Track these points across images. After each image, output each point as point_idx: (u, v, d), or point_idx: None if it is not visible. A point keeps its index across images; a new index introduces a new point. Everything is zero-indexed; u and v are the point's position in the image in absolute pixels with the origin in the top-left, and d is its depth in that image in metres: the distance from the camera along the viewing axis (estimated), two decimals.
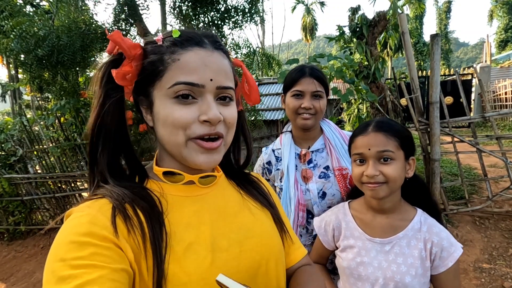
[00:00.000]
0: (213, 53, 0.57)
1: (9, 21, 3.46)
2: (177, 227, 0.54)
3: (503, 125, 10.05)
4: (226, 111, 0.58)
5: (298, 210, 1.21)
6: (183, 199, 0.60)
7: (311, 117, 1.19)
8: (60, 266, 0.43)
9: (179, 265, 0.51)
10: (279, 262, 0.66)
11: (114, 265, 0.45)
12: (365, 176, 0.92)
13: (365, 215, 1.02)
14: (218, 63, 0.57)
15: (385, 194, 0.92)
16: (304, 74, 1.18)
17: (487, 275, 2.79)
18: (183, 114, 0.54)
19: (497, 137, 3.49)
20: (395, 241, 0.95)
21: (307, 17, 28.50)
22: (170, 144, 0.57)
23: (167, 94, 0.54)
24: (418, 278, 0.90)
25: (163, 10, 4.53)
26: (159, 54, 0.56)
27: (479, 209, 3.68)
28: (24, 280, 3.70)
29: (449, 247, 0.91)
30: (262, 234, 0.64)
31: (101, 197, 0.54)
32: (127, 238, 0.49)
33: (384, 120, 0.96)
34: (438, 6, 27.28)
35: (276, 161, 1.33)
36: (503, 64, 13.22)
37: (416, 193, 1.02)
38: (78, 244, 0.45)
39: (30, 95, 6.27)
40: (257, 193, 0.73)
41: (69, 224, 0.49)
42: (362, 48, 4.90)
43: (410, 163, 0.96)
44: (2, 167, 4.70)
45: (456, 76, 3.73)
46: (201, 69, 0.54)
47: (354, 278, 0.98)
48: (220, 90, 0.57)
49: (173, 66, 0.54)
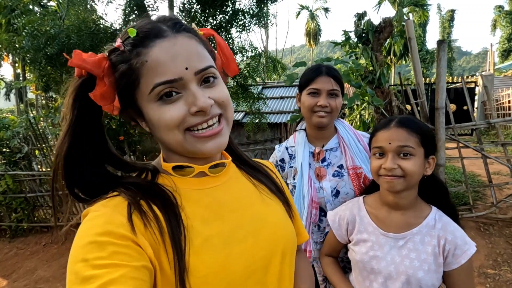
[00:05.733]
0: (177, 39, 0.54)
1: (20, 20, 3.50)
2: (193, 221, 0.55)
3: (506, 134, 10.05)
4: (213, 92, 0.56)
5: (311, 208, 1.22)
6: (196, 192, 0.60)
7: (327, 115, 1.20)
8: (82, 266, 0.43)
9: (198, 258, 0.51)
10: (292, 251, 0.67)
11: (134, 262, 0.45)
12: (383, 169, 0.94)
13: (379, 211, 1.03)
14: (186, 48, 0.54)
15: (401, 187, 0.93)
16: (321, 73, 1.20)
17: (492, 280, 2.78)
18: (172, 114, 0.53)
19: (503, 144, 3.49)
20: (409, 236, 0.96)
21: (311, 23, 28.67)
22: (172, 144, 0.57)
23: (150, 99, 0.53)
24: (431, 274, 0.91)
25: (172, 11, 4.57)
26: (126, 62, 0.53)
27: (483, 215, 3.67)
28: (26, 277, 3.70)
29: (463, 245, 0.92)
30: (276, 223, 0.65)
31: (116, 195, 0.54)
32: (144, 233, 0.50)
33: (407, 117, 0.97)
34: (442, 14, 27.45)
35: (289, 159, 1.34)
36: (507, 73, 13.26)
37: (434, 193, 1.02)
38: (97, 244, 0.45)
39: (36, 93, 6.32)
40: (268, 180, 0.74)
41: (86, 225, 0.49)
42: (368, 54, 4.92)
43: (429, 161, 0.97)
44: (7, 164, 4.73)
45: (462, 83, 3.75)
46: (171, 63, 0.52)
47: (367, 271, 0.99)
48: (199, 74, 0.55)
49: (144, 70, 0.52)
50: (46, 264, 3.96)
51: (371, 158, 1.01)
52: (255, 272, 0.57)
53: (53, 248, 4.35)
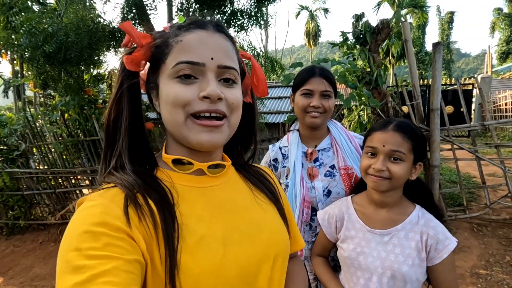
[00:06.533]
0: (214, 34, 0.58)
1: (19, 17, 3.50)
2: (189, 219, 0.55)
3: (502, 135, 10.12)
4: (228, 92, 0.58)
5: (303, 207, 1.24)
6: (193, 190, 0.60)
7: (320, 116, 1.22)
8: (75, 255, 0.43)
9: (192, 257, 0.51)
10: (285, 258, 0.67)
11: (127, 256, 0.45)
12: (372, 169, 0.97)
13: (366, 209, 1.07)
14: (218, 43, 0.58)
15: (385, 188, 0.97)
16: (314, 74, 1.22)
17: (484, 281, 2.82)
18: (183, 91, 0.55)
19: (496, 145, 3.53)
20: (394, 232, 1.00)
21: (310, 23, 28.70)
22: (172, 124, 0.58)
23: (170, 74, 0.56)
24: (415, 268, 0.95)
25: (170, 11, 4.58)
26: (164, 38, 0.58)
27: (477, 216, 3.71)
28: (22, 275, 3.70)
29: (444, 240, 0.95)
30: (272, 229, 0.65)
31: (113, 186, 0.54)
32: (138, 226, 0.50)
33: (405, 122, 1.00)
34: (441, 16, 27.53)
35: (282, 159, 1.37)
36: (504, 76, 13.33)
37: (418, 195, 1.07)
38: (92, 234, 0.45)
39: (34, 91, 6.31)
40: (265, 187, 0.74)
41: (82, 214, 0.49)
42: (365, 55, 4.95)
43: (416, 167, 1.00)
44: (4, 162, 4.72)
45: (457, 85, 3.78)
46: (201, 48, 0.56)
47: (354, 267, 1.02)
48: (222, 69, 0.57)
49: (176, 47, 0.56)
50: (42, 261, 3.96)
51: (362, 155, 1.04)
52: (247, 275, 0.57)
53: (49, 246, 4.35)
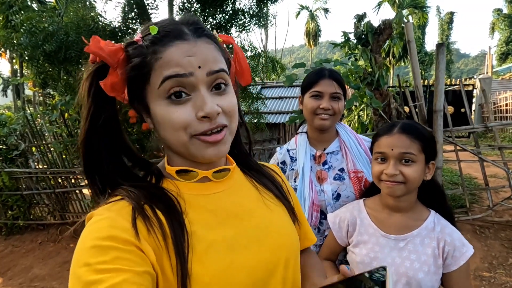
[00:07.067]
0: (196, 43, 0.53)
1: (19, 16, 3.47)
2: (197, 227, 0.54)
3: (503, 136, 10.13)
4: (223, 100, 0.56)
5: (312, 211, 1.22)
6: (200, 197, 0.60)
7: (329, 118, 1.21)
8: (85, 271, 0.43)
9: (202, 265, 0.51)
10: (296, 257, 0.66)
11: (137, 268, 0.45)
12: (385, 174, 0.95)
13: (380, 213, 1.04)
14: (203, 51, 0.53)
15: (401, 193, 0.95)
16: (323, 76, 1.20)
17: (487, 283, 2.81)
18: (179, 115, 0.52)
19: (500, 147, 3.52)
20: (409, 238, 0.97)
21: (311, 23, 28.69)
22: (175, 145, 0.56)
23: (159, 94, 0.53)
24: (431, 276, 0.93)
25: (171, 10, 4.55)
26: (141, 56, 0.53)
27: (479, 218, 3.70)
28: (21, 275, 3.68)
29: (461, 246, 0.94)
30: (280, 231, 0.64)
31: (120, 199, 0.54)
32: (147, 238, 0.49)
33: (410, 123, 0.98)
34: (441, 16, 27.58)
35: (290, 161, 1.34)
36: (504, 76, 13.37)
37: (432, 197, 1.04)
38: (100, 248, 0.45)
39: (34, 90, 6.28)
40: (273, 186, 0.73)
41: (90, 229, 0.49)
42: (367, 55, 4.94)
43: (429, 166, 0.98)
44: (3, 161, 4.69)
45: (460, 85, 3.76)
46: (185, 60, 0.52)
47: None
48: (212, 76, 0.54)
49: (157, 65, 0.52)
50: (41, 262, 3.94)
51: (373, 162, 1.02)
52: (258, 280, 0.56)
53: (49, 246, 4.33)
